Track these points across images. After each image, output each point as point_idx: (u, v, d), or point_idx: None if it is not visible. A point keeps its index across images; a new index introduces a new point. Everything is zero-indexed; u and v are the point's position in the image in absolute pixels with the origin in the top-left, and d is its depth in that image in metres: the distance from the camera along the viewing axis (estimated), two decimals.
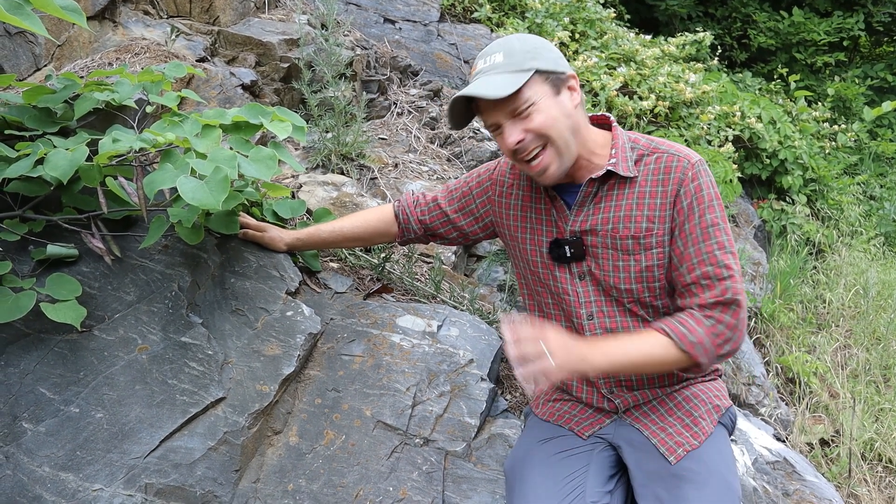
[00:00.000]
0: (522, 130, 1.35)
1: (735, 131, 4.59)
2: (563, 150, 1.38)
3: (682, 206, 1.39)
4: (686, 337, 1.34)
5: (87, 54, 2.57)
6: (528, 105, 1.34)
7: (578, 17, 4.98)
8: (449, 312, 1.96)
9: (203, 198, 1.38)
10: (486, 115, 1.39)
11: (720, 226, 1.38)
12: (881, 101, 6.64)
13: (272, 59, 2.97)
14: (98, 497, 1.37)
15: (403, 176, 2.81)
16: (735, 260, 1.38)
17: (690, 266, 1.38)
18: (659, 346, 1.35)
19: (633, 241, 1.42)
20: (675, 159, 1.41)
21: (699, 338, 1.34)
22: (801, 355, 3.45)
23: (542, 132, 1.35)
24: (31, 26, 1.31)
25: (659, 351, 1.35)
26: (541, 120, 1.35)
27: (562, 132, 1.37)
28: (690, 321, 1.36)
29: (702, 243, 1.37)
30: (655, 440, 1.46)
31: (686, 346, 1.34)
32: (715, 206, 1.39)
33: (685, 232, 1.39)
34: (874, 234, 5.08)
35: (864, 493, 2.72)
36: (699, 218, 1.38)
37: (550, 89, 1.36)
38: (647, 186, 1.42)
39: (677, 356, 1.35)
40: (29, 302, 1.46)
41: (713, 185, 1.41)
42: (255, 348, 1.67)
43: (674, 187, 1.40)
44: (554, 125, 1.35)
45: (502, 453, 1.66)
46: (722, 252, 1.37)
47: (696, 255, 1.38)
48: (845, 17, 7.64)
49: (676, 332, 1.35)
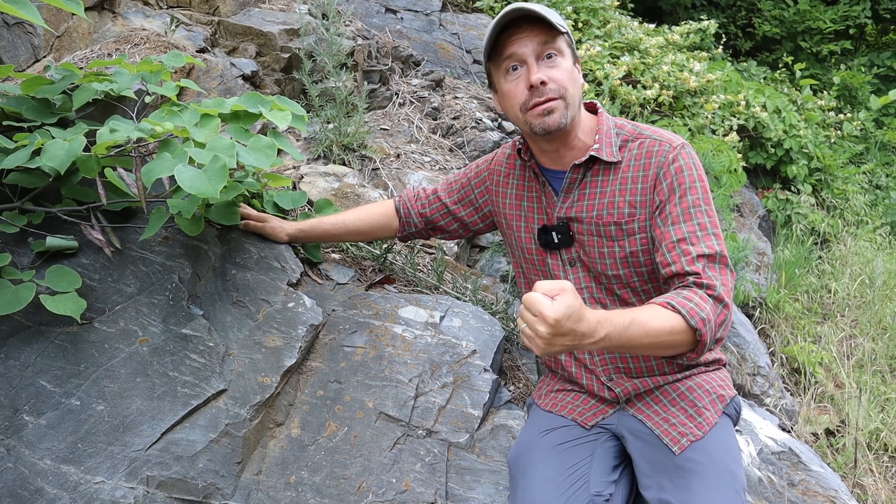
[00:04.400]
0: (548, 76, 1.36)
1: (740, 121, 4.56)
2: (571, 108, 1.39)
3: (662, 188, 1.38)
4: (696, 313, 1.22)
5: (86, 45, 2.55)
6: (557, 54, 1.38)
7: (581, 6, 4.94)
8: (451, 303, 1.95)
9: (201, 186, 1.36)
10: (517, 45, 1.37)
11: (701, 207, 1.34)
12: (887, 89, 6.58)
13: (273, 50, 2.95)
14: (100, 490, 1.37)
15: (405, 166, 2.79)
16: (719, 241, 1.32)
17: (671, 245, 1.33)
18: (667, 319, 1.21)
19: (616, 227, 1.43)
20: (657, 144, 1.41)
21: (707, 315, 1.23)
22: (807, 345, 3.44)
23: (563, 84, 1.37)
24: (28, 16, 1.30)
25: (667, 325, 1.20)
26: (566, 72, 1.38)
27: (575, 95, 1.40)
28: (696, 298, 1.24)
29: (682, 223, 1.33)
30: (659, 431, 1.45)
31: (697, 322, 1.21)
32: (697, 188, 1.36)
33: (665, 212, 1.37)
34: (880, 224, 5.04)
35: (870, 483, 2.70)
36: (679, 198, 1.35)
37: (571, 55, 1.42)
38: (630, 172, 1.42)
39: (684, 335, 1.21)
40: (28, 294, 1.45)
41: (696, 166, 1.39)
42: (256, 340, 1.66)
43: (654, 171, 1.39)
44: (573, 85, 1.39)
45: (506, 444, 1.65)
46: (704, 233, 1.32)
47: (677, 234, 1.33)
48: (851, 4, 7.57)
49: (685, 307, 1.22)
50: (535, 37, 1.36)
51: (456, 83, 3.77)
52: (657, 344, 1.21)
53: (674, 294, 1.27)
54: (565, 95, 1.37)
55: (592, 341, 1.12)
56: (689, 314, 1.21)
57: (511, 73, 1.40)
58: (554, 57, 1.37)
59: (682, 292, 1.27)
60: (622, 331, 1.16)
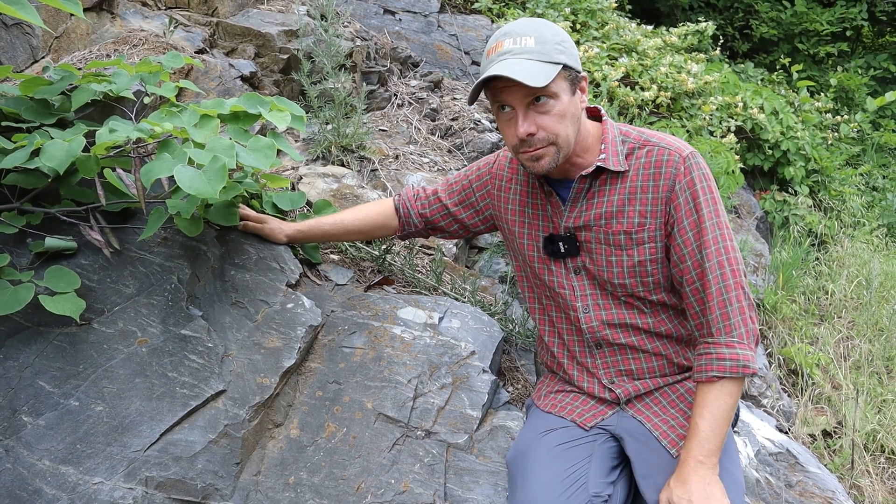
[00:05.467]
0: (536, 124, 1.32)
1: (737, 122, 4.56)
2: (563, 149, 1.36)
3: (679, 203, 1.38)
4: (736, 364, 1.33)
5: (84, 46, 2.55)
6: (551, 97, 1.31)
7: (579, 8, 4.95)
8: (450, 304, 1.95)
9: (200, 187, 1.36)
10: (504, 95, 1.33)
11: (714, 220, 1.37)
12: (884, 91, 6.60)
13: (271, 51, 2.95)
14: (98, 490, 1.37)
15: (404, 167, 2.79)
16: (739, 264, 1.38)
17: (695, 289, 1.39)
18: (724, 394, 1.34)
19: (626, 235, 1.42)
20: (665, 153, 1.39)
21: (738, 354, 1.34)
22: (804, 347, 3.44)
23: (553, 131, 1.33)
24: (27, 16, 1.30)
25: (727, 397, 1.34)
26: (556, 117, 1.33)
27: (568, 135, 1.35)
28: (724, 349, 1.35)
29: (702, 252, 1.37)
30: (657, 432, 1.45)
31: (742, 370, 1.33)
32: (710, 200, 1.38)
33: (684, 228, 1.38)
34: (877, 225, 5.05)
35: (867, 485, 2.71)
36: (697, 214, 1.37)
37: (569, 87, 1.35)
38: (639, 181, 1.41)
39: (739, 385, 1.35)
40: (27, 294, 1.45)
41: (706, 177, 1.39)
42: (255, 341, 1.66)
43: (666, 182, 1.38)
44: (565, 126, 1.34)
45: (504, 445, 1.65)
46: (725, 285, 1.36)
47: (702, 285, 1.38)
48: (848, 6, 7.58)
49: (724, 369, 1.33)
50: (524, 88, 1.30)
51: (454, 84, 3.78)
52: (733, 407, 1.35)
53: (706, 362, 1.36)
54: (556, 141, 1.34)
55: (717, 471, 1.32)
56: (732, 371, 1.33)
57: (503, 112, 1.36)
58: (545, 100, 1.31)
59: (711, 351, 1.37)
60: (717, 444, 1.32)
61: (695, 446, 1.31)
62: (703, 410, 1.33)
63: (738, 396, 1.35)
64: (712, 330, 1.37)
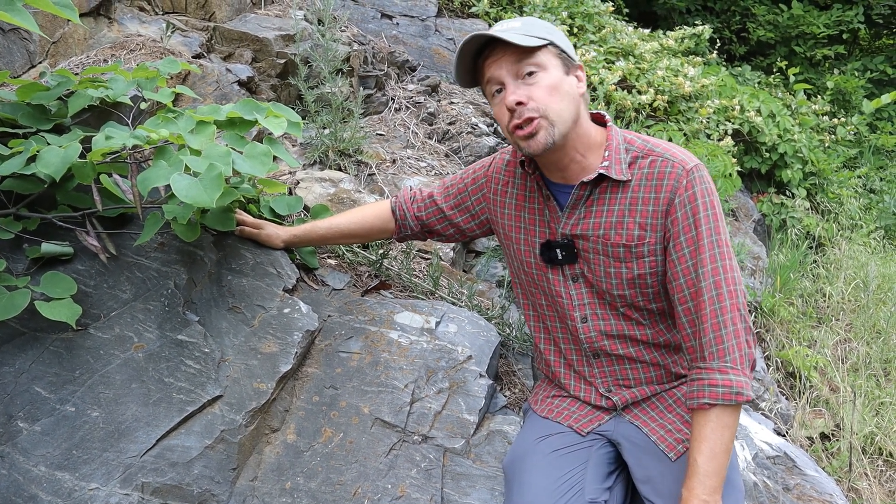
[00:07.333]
0: (526, 95, 1.30)
1: (734, 125, 4.57)
2: (557, 125, 1.31)
3: (677, 217, 1.33)
4: (729, 392, 1.28)
5: (81, 51, 2.55)
6: (538, 69, 1.30)
7: (576, 12, 4.96)
8: (447, 309, 1.95)
9: (197, 195, 1.36)
10: (493, 69, 1.32)
11: (714, 238, 1.32)
12: (881, 93, 6.62)
13: (268, 55, 2.95)
14: (94, 496, 1.37)
15: (401, 172, 2.80)
16: (737, 285, 1.33)
17: (694, 333, 1.34)
18: (720, 426, 1.28)
19: (625, 248, 1.38)
20: (669, 164, 1.35)
21: (731, 380, 1.28)
22: (802, 349, 3.44)
23: (544, 102, 1.29)
24: (24, 23, 1.30)
25: (724, 430, 1.28)
26: (547, 89, 1.30)
27: (561, 110, 1.31)
28: (717, 375, 1.29)
29: (697, 270, 1.32)
30: (655, 437, 1.45)
31: (735, 398, 1.27)
32: (710, 217, 1.32)
33: (680, 244, 1.34)
34: (874, 228, 5.06)
35: (865, 488, 2.71)
36: (695, 231, 1.32)
37: (560, 65, 1.33)
38: (641, 192, 1.36)
39: (737, 412, 1.30)
40: (23, 300, 1.45)
41: (709, 192, 1.34)
42: (252, 346, 1.66)
43: (667, 195, 1.34)
44: (557, 100, 1.31)
45: (501, 450, 1.65)
46: (721, 306, 1.31)
47: (698, 314, 1.32)
48: (845, 9, 7.62)
49: (717, 396, 1.28)
50: (509, 56, 1.30)
51: (452, 88, 3.78)
52: (731, 440, 1.30)
53: (697, 388, 1.31)
54: (547, 113, 1.30)
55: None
56: (725, 398, 1.27)
57: (496, 97, 1.35)
58: (535, 73, 1.30)
59: (703, 376, 1.31)
60: (718, 481, 1.27)
61: (696, 485, 1.26)
62: (700, 446, 1.28)
63: (735, 427, 1.29)
64: (705, 354, 1.31)
